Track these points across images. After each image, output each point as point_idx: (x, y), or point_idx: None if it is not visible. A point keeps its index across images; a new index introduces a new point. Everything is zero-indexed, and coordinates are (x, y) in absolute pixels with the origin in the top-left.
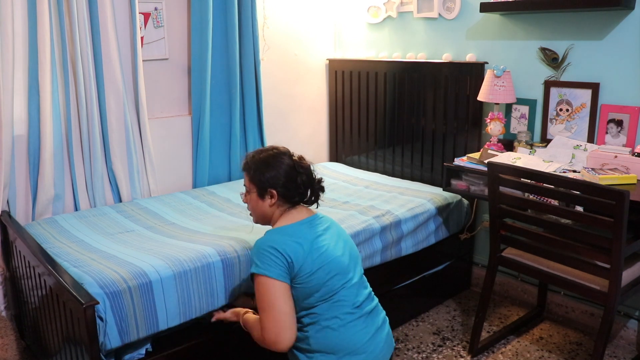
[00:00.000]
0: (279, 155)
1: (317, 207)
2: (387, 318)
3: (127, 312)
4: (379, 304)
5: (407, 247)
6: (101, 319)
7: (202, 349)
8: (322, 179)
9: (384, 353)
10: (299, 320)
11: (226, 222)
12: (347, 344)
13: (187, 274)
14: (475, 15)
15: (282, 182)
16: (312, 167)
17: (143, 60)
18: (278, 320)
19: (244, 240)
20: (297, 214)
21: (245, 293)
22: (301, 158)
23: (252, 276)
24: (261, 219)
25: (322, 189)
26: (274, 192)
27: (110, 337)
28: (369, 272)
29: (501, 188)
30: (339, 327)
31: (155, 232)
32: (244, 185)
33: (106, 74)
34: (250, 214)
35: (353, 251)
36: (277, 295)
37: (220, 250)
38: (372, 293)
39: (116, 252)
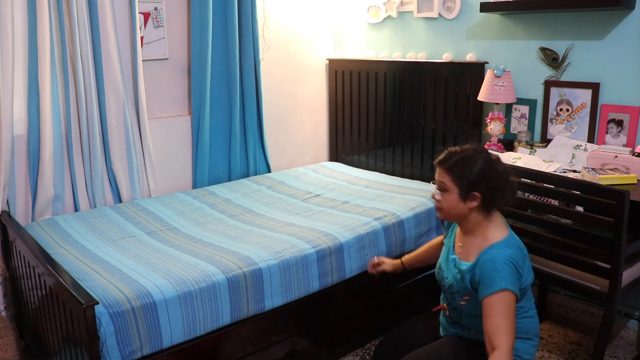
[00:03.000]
0: (485, 157)
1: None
2: None
3: (130, 332)
4: None
5: (410, 247)
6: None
7: (202, 349)
8: (516, 182)
9: None
10: None
11: (226, 227)
12: (537, 328)
13: (191, 294)
14: (475, 15)
15: (487, 186)
16: (514, 176)
17: (143, 60)
18: (513, 329)
19: (246, 256)
20: (501, 218)
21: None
22: (499, 160)
23: (495, 294)
24: (454, 218)
25: (516, 192)
26: (478, 195)
27: (112, 356)
28: (369, 274)
29: None
30: (535, 315)
31: (157, 240)
32: (439, 182)
33: (106, 74)
34: (438, 209)
35: None
36: (512, 306)
37: (225, 269)
38: None
39: (120, 264)
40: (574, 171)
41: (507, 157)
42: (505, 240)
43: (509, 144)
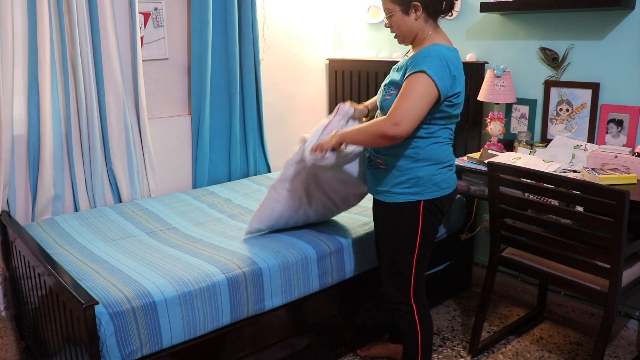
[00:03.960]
0: None
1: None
2: None
3: (130, 332)
4: None
5: None
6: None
7: (202, 349)
8: None
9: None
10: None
11: (226, 227)
12: (443, 156)
13: (191, 294)
14: (475, 15)
15: None
16: None
17: (143, 60)
18: (416, 110)
19: (246, 256)
20: (446, 37)
21: None
22: None
23: (412, 73)
24: (408, 36)
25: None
26: (418, 4)
27: (112, 355)
28: (369, 273)
29: (501, 188)
30: (444, 142)
31: (157, 240)
32: (385, 10)
33: (106, 73)
34: (395, 37)
35: None
36: (425, 94)
37: (224, 268)
38: None
39: (119, 264)
40: (574, 171)
41: (507, 157)
42: (446, 45)
43: (509, 144)
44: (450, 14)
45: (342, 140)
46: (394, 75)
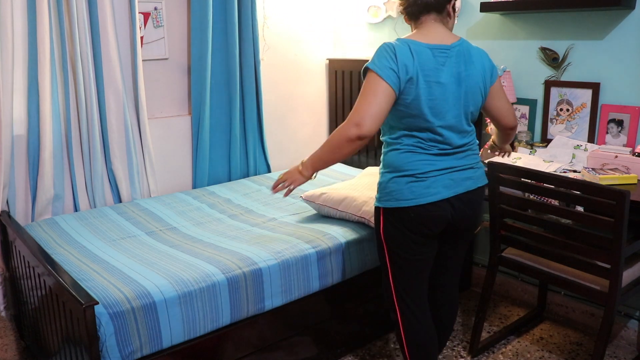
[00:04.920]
0: None
1: None
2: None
3: (130, 332)
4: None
5: None
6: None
7: (202, 349)
8: None
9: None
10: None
11: (226, 227)
12: (398, 163)
13: (191, 294)
14: (475, 15)
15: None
16: None
17: (143, 60)
18: (370, 107)
19: (246, 256)
20: (424, 34)
21: None
22: None
23: (365, 71)
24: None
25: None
26: (402, 10)
27: (112, 356)
28: (369, 274)
29: (501, 188)
30: (401, 150)
31: (157, 240)
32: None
33: (106, 73)
34: None
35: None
36: (373, 88)
37: (225, 269)
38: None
39: (119, 264)
40: (574, 171)
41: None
42: (407, 39)
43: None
44: (427, 12)
45: (314, 169)
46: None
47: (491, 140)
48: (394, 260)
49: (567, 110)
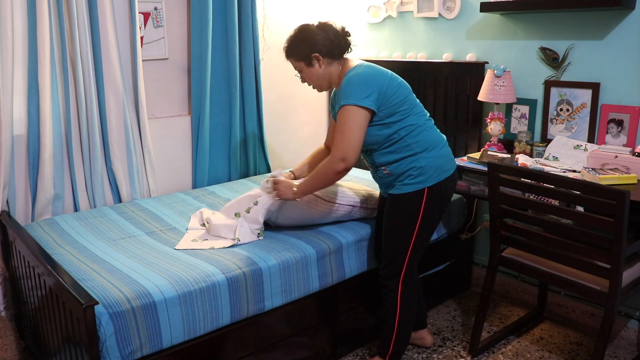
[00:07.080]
0: (304, 29)
1: None
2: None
3: (130, 332)
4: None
5: None
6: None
7: (202, 349)
8: (344, 27)
9: None
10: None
11: None
12: (434, 140)
13: (191, 294)
14: (476, 15)
15: (319, 45)
16: (334, 24)
17: (143, 60)
18: (352, 141)
19: (246, 256)
20: (357, 61)
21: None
22: (309, 24)
23: (340, 109)
24: (322, 83)
25: (349, 34)
26: (317, 54)
27: (112, 356)
28: (369, 274)
29: (501, 188)
30: (428, 128)
31: (157, 240)
32: (295, 69)
33: (106, 73)
34: (313, 88)
35: None
36: (357, 122)
37: (225, 269)
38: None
39: (119, 264)
40: (574, 171)
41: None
42: (356, 66)
43: (509, 144)
44: (350, 49)
45: (304, 194)
46: (335, 110)
47: (291, 172)
48: (421, 236)
49: (567, 110)
